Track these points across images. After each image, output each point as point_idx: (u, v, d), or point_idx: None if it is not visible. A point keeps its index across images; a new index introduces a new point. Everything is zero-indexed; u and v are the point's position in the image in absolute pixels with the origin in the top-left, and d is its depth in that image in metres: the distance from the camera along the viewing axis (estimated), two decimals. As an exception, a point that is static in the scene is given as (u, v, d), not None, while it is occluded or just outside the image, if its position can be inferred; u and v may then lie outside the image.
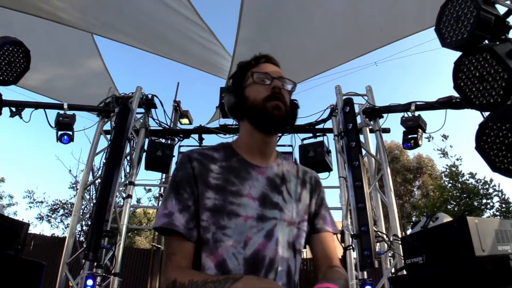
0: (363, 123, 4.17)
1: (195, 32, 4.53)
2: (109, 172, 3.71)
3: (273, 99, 0.95)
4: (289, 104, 1.01)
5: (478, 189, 8.79)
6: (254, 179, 0.95)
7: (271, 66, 1.05)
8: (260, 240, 0.88)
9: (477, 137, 2.08)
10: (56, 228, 12.22)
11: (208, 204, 0.89)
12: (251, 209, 0.90)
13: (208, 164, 0.95)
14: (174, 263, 0.85)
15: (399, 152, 14.24)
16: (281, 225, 0.92)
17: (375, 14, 4.11)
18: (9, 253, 2.42)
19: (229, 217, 0.88)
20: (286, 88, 1.02)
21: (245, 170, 0.96)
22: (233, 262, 0.85)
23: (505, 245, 1.82)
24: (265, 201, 0.93)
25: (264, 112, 0.95)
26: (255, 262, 0.86)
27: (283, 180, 1.00)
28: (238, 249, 0.86)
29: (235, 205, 0.90)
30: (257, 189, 0.94)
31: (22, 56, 3.09)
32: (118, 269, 3.70)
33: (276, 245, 0.89)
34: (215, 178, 0.93)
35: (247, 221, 0.89)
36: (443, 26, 2.15)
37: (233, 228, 0.87)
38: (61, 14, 4.08)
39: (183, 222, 0.87)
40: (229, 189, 0.91)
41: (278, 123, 0.97)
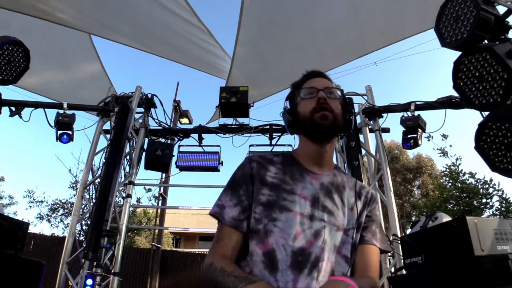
0: (363, 123, 4.17)
1: (194, 34, 4.53)
2: (109, 171, 3.71)
3: (319, 110, 1.02)
4: (341, 110, 1.06)
5: (478, 189, 8.79)
6: (308, 182, 1.03)
7: (318, 80, 1.11)
8: (308, 237, 0.94)
9: (477, 137, 2.08)
10: (56, 228, 12.20)
11: (262, 199, 0.98)
12: (302, 207, 0.97)
13: (266, 165, 1.05)
14: (218, 249, 0.96)
15: (398, 152, 14.25)
16: (330, 228, 0.97)
17: (376, 16, 4.10)
18: (9, 253, 2.42)
19: (280, 211, 0.96)
20: (334, 96, 1.07)
21: (300, 173, 1.04)
22: (282, 253, 0.92)
23: (504, 244, 1.82)
24: (315, 203, 0.99)
25: (313, 123, 1.02)
26: (302, 256, 0.92)
27: (337, 188, 1.05)
28: (288, 241, 0.92)
29: (287, 201, 0.97)
30: (309, 190, 1.01)
31: (22, 56, 3.09)
32: (117, 268, 3.70)
33: (322, 245, 0.94)
34: (271, 177, 1.03)
35: (297, 217, 0.96)
36: (442, 26, 2.15)
37: (284, 221, 0.95)
38: (59, 14, 4.08)
39: (234, 214, 0.98)
40: (284, 187, 1.00)
41: (327, 132, 1.04)
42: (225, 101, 4.32)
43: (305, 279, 0.89)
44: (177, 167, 4.59)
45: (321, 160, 1.07)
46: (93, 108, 4.48)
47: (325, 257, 0.93)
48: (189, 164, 4.59)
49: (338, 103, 1.07)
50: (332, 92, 1.07)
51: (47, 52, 4.68)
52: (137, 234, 12.81)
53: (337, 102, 1.07)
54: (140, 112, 4.60)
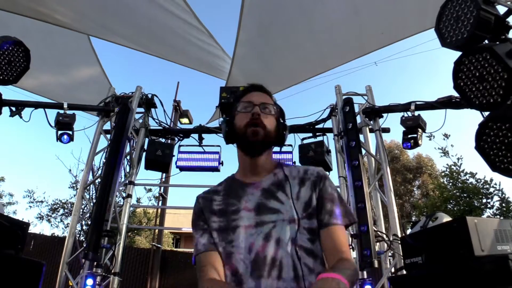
0: (363, 123, 4.17)
1: (193, 35, 4.53)
2: (109, 171, 3.71)
3: (251, 126, 1.07)
4: (274, 125, 1.11)
5: (478, 189, 8.78)
6: (249, 194, 1.09)
7: (256, 94, 1.15)
8: (260, 243, 0.99)
9: (477, 137, 2.09)
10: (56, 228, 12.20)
11: (214, 226, 1.07)
12: (248, 219, 1.03)
13: (212, 197, 1.14)
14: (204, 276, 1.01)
15: (399, 152, 14.24)
16: (281, 225, 1.01)
17: (376, 15, 4.10)
18: (9, 253, 2.42)
19: (233, 232, 1.03)
20: (269, 112, 1.12)
21: (242, 189, 1.11)
22: (242, 267, 0.98)
23: (505, 245, 1.82)
24: (260, 209, 1.04)
25: (244, 137, 1.08)
26: (258, 262, 0.97)
27: (279, 185, 1.09)
28: (245, 255, 0.99)
29: (236, 221, 1.04)
30: (252, 201, 1.07)
31: (22, 56, 3.09)
32: (118, 268, 3.70)
33: (276, 245, 0.98)
34: (217, 205, 1.11)
35: (247, 230, 1.02)
36: (443, 26, 2.15)
37: (238, 239, 1.02)
38: (58, 16, 4.08)
39: (205, 241, 1.06)
40: (230, 209, 1.07)
41: (257, 147, 1.09)
42: (225, 101, 4.32)
43: (266, 281, 0.94)
44: (177, 167, 4.59)
45: (257, 169, 1.12)
46: (93, 108, 4.48)
47: (282, 254, 0.97)
48: (189, 164, 4.59)
49: (272, 119, 1.12)
50: (267, 108, 1.12)
51: (46, 54, 4.67)
52: (137, 234, 12.81)
53: (271, 118, 1.11)
54: (140, 112, 4.60)
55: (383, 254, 3.59)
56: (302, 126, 4.59)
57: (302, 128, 4.59)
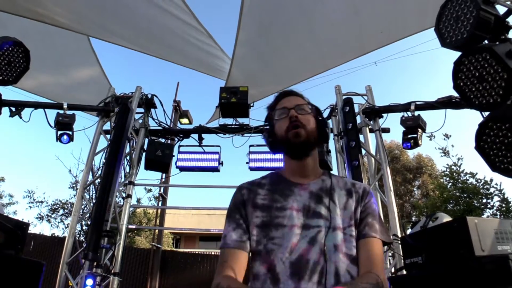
0: (363, 123, 4.17)
1: (193, 36, 4.53)
2: (109, 172, 3.71)
3: (292, 129, 1.09)
4: (314, 124, 1.12)
5: (478, 189, 8.78)
6: (297, 194, 1.08)
7: (289, 99, 1.17)
8: (304, 246, 0.98)
9: (477, 137, 2.08)
10: (56, 228, 12.22)
11: (257, 221, 1.05)
12: (294, 219, 1.02)
13: (256, 190, 1.12)
14: (222, 271, 1.00)
15: (399, 152, 14.25)
16: (326, 231, 1.00)
17: (376, 15, 4.10)
18: (9, 253, 2.42)
19: (276, 229, 1.02)
20: (306, 112, 1.13)
21: (289, 188, 1.10)
22: (280, 266, 0.97)
23: (505, 245, 1.82)
24: (308, 212, 1.04)
25: (288, 142, 1.09)
26: (299, 265, 0.96)
27: (327, 192, 1.09)
28: (285, 255, 0.98)
29: (280, 218, 1.03)
30: (299, 202, 1.06)
31: (22, 56, 3.09)
32: (118, 268, 3.70)
33: (320, 250, 0.97)
34: (261, 199, 1.09)
35: (292, 230, 1.01)
36: (442, 26, 2.15)
37: (280, 237, 1.00)
38: (58, 17, 4.07)
39: (236, 237, 1.05)
40: (275, 206, 1.06)
41: (301, 148, 1.10)
42: (225, 101, 4.32)
43: (306, 285, 0.92)
44: (177, 167, 4.58)
45: (305, 172, 1.13)
46: (93, 108, 4.48)
47: (326, 260, 0.96)
48: (189, 165, 4.59)
49: (310, 118, 1.12)
50: (303, 108, 1.13)
51: (46, 55, 4.67)
52: (137, 234, 12.81)
53: (309, 116, 1.12)
54: (140, 113, 4.60)
55: (383, 254, 3.59)
56: (302, 126, 4.58)
57: (302, 128, 4.58)
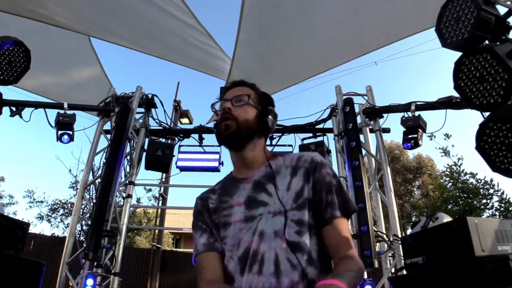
0: (363, 123, 4.17)
1: (193, 36, 4.53)
2: (109, 171, 3.71)
3: (222, 121, 1.06)
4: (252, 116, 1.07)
5: (478, 189, 8.78)
6: (241, 189, 1.06)
7: (234, 90, 1.13)
8: (249, 238, 0.96)
9: (477, 137, 2.08)
10: (56, 228, 12.21)
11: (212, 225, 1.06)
12: (238, 214, 1.01)
13: (209, 196, 1.12)
14: (204, 277, 0.99)
15: (399, 152, 14.26)
16: (266, 218, 0.97)
17: (376, 15, 4.10)
18: (9, 253, 2.42)
19: (224, 228, 1.02)
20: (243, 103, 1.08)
21: (235, 186, 1.08)
22: (232, 264, 0.96)
23: (505, 245, 1.82)
24: (250, 203, 1.01)
25: (220, 134, 1.07)
26: (245, 258, 0.94)
27: (269, 177, 1.04)
28: (234, 251, 0.97)
29: (227, 217, 1.02)
30: (243, 196, 1.04)
31: (23, 56, 3.09)
32: (118, 268, 3.70)
33: (259, 238, 0.94)
34: (212, 203, 1.09)
35: (236, 225, 0.99)
36: (443, 26, 2.15)
37: (230, 236, 0.99)
38: (58, 18, 4.07)
39: (204, 241, 1.04)
40: (222, 206, 1.06)
41: (231, 140, 1.06)
42: (225, 101, 4.31)
43: (247, 276, 0.90)
44: (177, 167, 4.59)
45: (247, 163, 1.09)
46: (94, 108, 4.48)
47: (265, 248, 0.92)
48: (189, 164, 4.59)
49: (248, 109, 1.07)
50: (241, 99, 1.08)
51: (46, 55, 4.66)
52: (137, 234, 12.81)
53: (246, 108, 1.07)
54: (140, 112, 4.61)
55: (383, 254, 3.59)
56: (302, 126, 4.59)
57: (303, 128, 4.59)
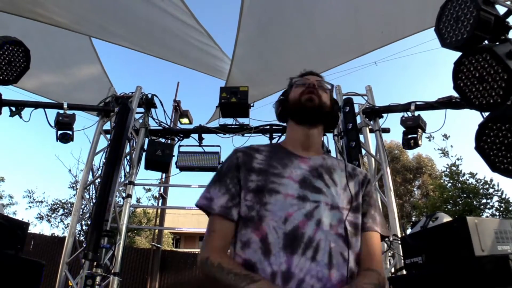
0: (363, 123, 4.17)
1: (193, 37, 4.54)
2: (109, 171, 3.71)
3: (306, 93, 1.07)
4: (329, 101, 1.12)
5: (478, 189, 8.79)
6: (297, 166, 1.03)
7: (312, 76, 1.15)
8: (300, 218, 0.92)
9: (477, 137, 2.09)
10: (56, 228, 12.23)
11: (251, 186, 0.98)
12: (291, 188, 0.96)
13: (253, 154, 1.06)
14: (212, 241, 0.95)
15: (399, 152, 14.25)
16: (323, 208, 0.95)
17: (375, 14, 4.11)
18: (9, 253, 2.42)
19: (270, 194, 0.95)
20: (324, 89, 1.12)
21: (288, 158, 1.05)
22: (273, 236, 0.90)
23: (505, 245, 1.82)
24: (306, 184, 0.98)
25: (299, 104, 1.07)
26: (294, 237, 0.90)
27: (327, 170, 1.04)
28: (279, 224, 0.91)
29: (275, 184, 0.97)
30: (298, 173, 1.00)
31: (22, 56, 3.09)
32: (118, 268, 3.70)
33: (316, 225, 0.92)
34: (259, 163, 1.03)
35: (287, 198, 0.94)
36: (443, 26, 2.15)
37: (273, 204, 0.94)
38: (58, 18, 4.08)
39: (223, 203, 0.98)
40: (271, 171, 1.00)
41: (312, 113, 1.07)
42: (225, 101, 4.32)
43: (299, 259, 0.88)
44: (177, 167, 4.58)
45: (309, 143, 1.09)
46: (93, 108, 4.47)
47: (321, 237, 0.91)
48: (189, 164, 4.58)
49: (326, 95, 1.12)
50: (322, 86, 1.12)
51: (47, 54, 4.67)
52: (137, 234, 12.80)
53: (326, 94, 1.12)
54: (140, 112, 4.60)
55: (383, 254, 3.59)
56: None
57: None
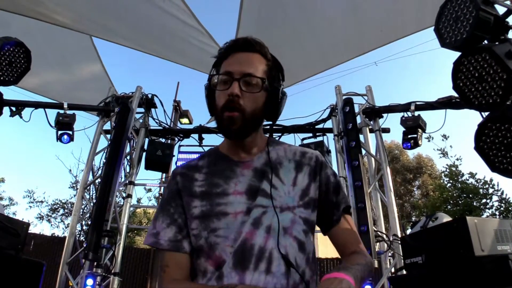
0: (363, 123, 4.17)
1: (193, 37, 4.53)
2: (109, 171, 3.71)
3: (226, 110, 0.89)
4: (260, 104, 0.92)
5: (477, 189, 8.79)
6: (239, 175, 0.93)
7: (241, 58, 0.94)
8: (247, 229, 0.84)
9: (476, 137, 2.09)
10: (56, 228, 12.20)
11: (196, 212, 0.90)
12: (239, 204, 0.88)
13: (192, 175, 0.96)
14: (168, 276, 0.87)
15: (399, 152, 14.26)
16: (272, 212, 0.87)
17: (375, 13, 4.11)
18: (9, 253, 2.42)
19: (218, 218, 0.87)
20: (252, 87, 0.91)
21: (230, 169, 0.94)
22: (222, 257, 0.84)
23: (505, 245, 1.82)
24: (252, 192, 0.89)
25: (221, 123, 0.91)
26: (243, 252, 0.82)
27: (273, 167, 0.94)
28: (228, 245, 0.84)
29: (222, 205, 0.88)
30: (242, 183, 0.91)
31: (23, 57, 3.09)
32: (118, 268, 3.70)
33: (266, 233, 0.84)
34: (200, 185, 0.93)
35: (237, 217, 0.86)
36: (442, 26, 2.15)
37: (225, 228, 0.86)
38: (59, 17, 4.08)
39: (171, 236, 0.90)
40: (215, 191, 0.91)
41: (235, 135, 0.92)
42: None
43: (252, 275, 0.80)
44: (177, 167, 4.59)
45: (246, 148, 0.97)
46: (94, 108, 4.48)
47: (272, 245, 0.83)
48: (189, 164, 4.59)
49: (257, 96, 0.91)
50: (250, 82, 0.90)
51: (48, 53, 4.68)
52: (137, 234, 12.80)
53: (256, 95, 0.91)
54: (140, 112, 4.60)
55: (383, 254, 3.59)
56: (302, 126, 4.59)
57: (302, 128, 4.59)
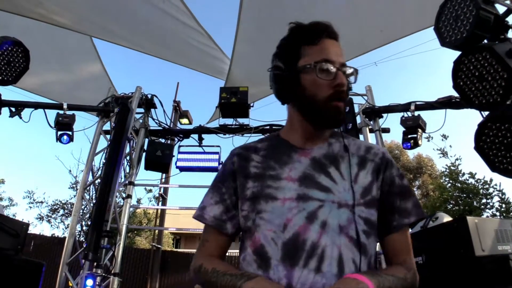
0: (363, 123, 4.17)
1: (193, 38, 4.54)
2: (109, 172, 3.71)
3: (335, 100, 0.85)
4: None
5: (478, 189, 8.79)
6: (296, 161, 0.88)
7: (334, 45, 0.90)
8: (300, 222, 0.80)
9: (476, 137, 2.08)
10: (56, 228, 12.19)
11: (248, 194, 0.88)
12: (289, 190, 0.83)
13: (249, 156, 0.94)
14: (205, 250, 0.91)
15: (399, 152, 14.25)
16: (329, 207, 0.81)
17: (375, 13, 4.11)
18: (9, 253, 2.42)
19: (265, 201, 0.84)
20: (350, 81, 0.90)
21: (287, 154, 0.90)
22: (272, 247, 0.80)
23: (505, 245, 1.82)
24: (307, 181, 0.84)
25: (326, 113, 0.86)
26: (294, 246, 0.78)
27: (333, 160, 0.88)
28: (278, 233, 0.80)
29: (272, 188, 0.85)
30: (297, 170, 0.86)
31: (22, 56, 3.09)
32: (118, 269, 3.69)
33: (321, 228, 0.79)
34: (255, 167, 0.91)
35: (285, 203, 0.82)
36: (442, 26, 2.15)
37: (270, 212, 0.83)
38: (58, 18, 4.08)
39: (217, 213, 0.91)
40: (268, 174, 0.88)
41: (338, 124, 0.90)
42: (225, 102, 4.32)
43: (301, 272, 0.75)
44: (177, 167, 4.58)
45: (315, 137, 0.92)
46: (93, 108, 4.48)
47: (327, 242, 0.78)
48: (189, 165, 4.58)
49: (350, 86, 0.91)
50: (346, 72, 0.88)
51: (47, 53, 4.68)
52: (137, 235, 12.80)
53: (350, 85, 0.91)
54: (140, 113, 4.60)
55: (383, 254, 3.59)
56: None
57: (302, 128, 4.59)
